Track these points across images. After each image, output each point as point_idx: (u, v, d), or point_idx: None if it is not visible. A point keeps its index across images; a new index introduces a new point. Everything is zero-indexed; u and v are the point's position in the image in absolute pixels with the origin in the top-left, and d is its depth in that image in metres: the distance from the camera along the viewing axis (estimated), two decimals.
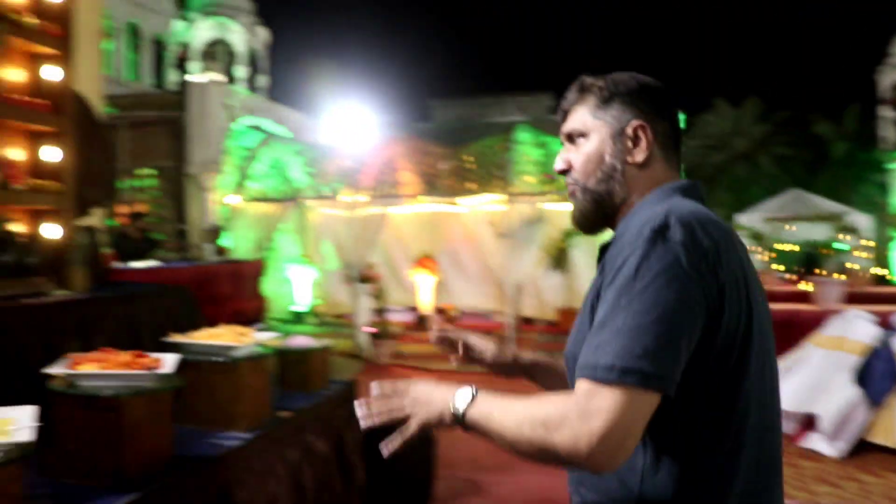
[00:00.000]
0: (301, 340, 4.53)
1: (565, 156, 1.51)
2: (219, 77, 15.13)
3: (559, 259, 10.80)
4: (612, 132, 1.44)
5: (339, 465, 4.27)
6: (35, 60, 4.53)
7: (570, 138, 1.51)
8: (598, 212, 1.48)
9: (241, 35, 16.78)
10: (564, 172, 1.52)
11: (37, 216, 4.51)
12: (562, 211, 10.36)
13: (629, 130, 1.43)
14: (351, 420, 4.39)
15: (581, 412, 1.14)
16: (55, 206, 4.43)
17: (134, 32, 14.58)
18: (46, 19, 4.45)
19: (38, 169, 4.51)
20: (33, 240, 4.31)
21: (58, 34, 4.46)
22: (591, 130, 1.46)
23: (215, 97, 11.62)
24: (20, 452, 2.15)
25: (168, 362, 2.94)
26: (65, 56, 4.51)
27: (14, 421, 2.27)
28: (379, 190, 10.76)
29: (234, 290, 9.01)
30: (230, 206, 11.45)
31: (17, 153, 4.41)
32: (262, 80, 17.42)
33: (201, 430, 3.40)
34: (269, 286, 10.73)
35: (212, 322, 4.06)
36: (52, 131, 4.46)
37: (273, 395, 3.96)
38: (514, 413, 1.23)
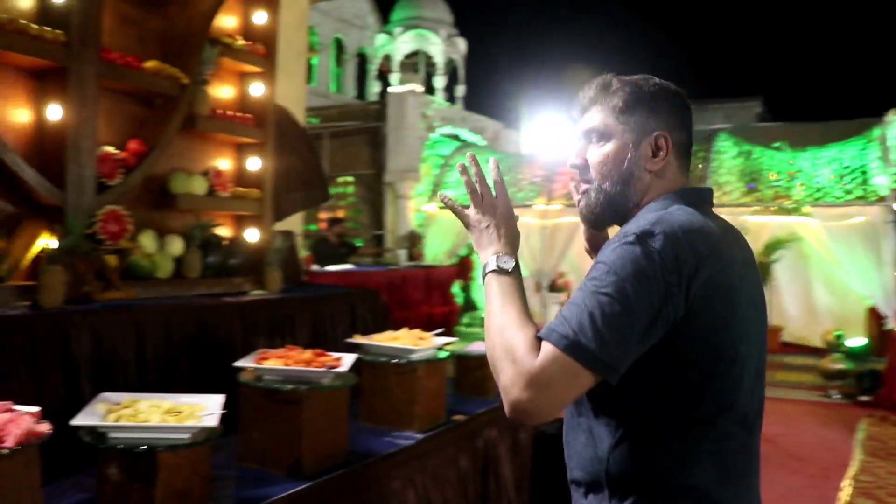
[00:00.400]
0: (480, 346, 4.57)
1: (583, 152, 1.55)
2: (417, 87, 15.72)
3: (762, 274, 10.10)
4: (634, 139, 1.48)
5: (513, 469, 4.25)
6: (242, 78, 4.94)
7: (589, 135, 1.54)
8: (608, 212, 1.53)
9: (440, 46, 17.35)
10: (578, 168, 1.56)
11: (240, 221, 4.91)
12: (766, 223, 9.70)
13: (651, 140, 1.48)
14: (525, 427, 4.36)
15: (533, 363, 1.27)
16: (256, 211, 4.79)
17: (339, 47, 15.53)
18: (253, 40, 4.84)
19: (241, 177, 4.92)
20: (236, 243, 4.68)
21: (262, 53, 4.83)
22: (612, 134, 1.50)
23: (413, 107, 12.07)
24: (206, 436, 2.33)
25: (346, 362, 3.07)
26: (268, 73, 4.88)
27: (205, 407, 2.47)
28: (572, 199, 10.66)
29: (425, 296, 9.30)
30: (426, 213, 11.84)
31: (224, 163, 4.83)
32: (460, 90, 17.89)
33: (378, 429, 3.53)
34: (465, 292, 10.97)
35: (401, 325, 4.20)
36: (256, 143, 4.84)
37: (449, 398, 4.03)
38: (505, 316, 1.37)
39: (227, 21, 4.88)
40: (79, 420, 2.23)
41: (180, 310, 3.58)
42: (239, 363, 2.94)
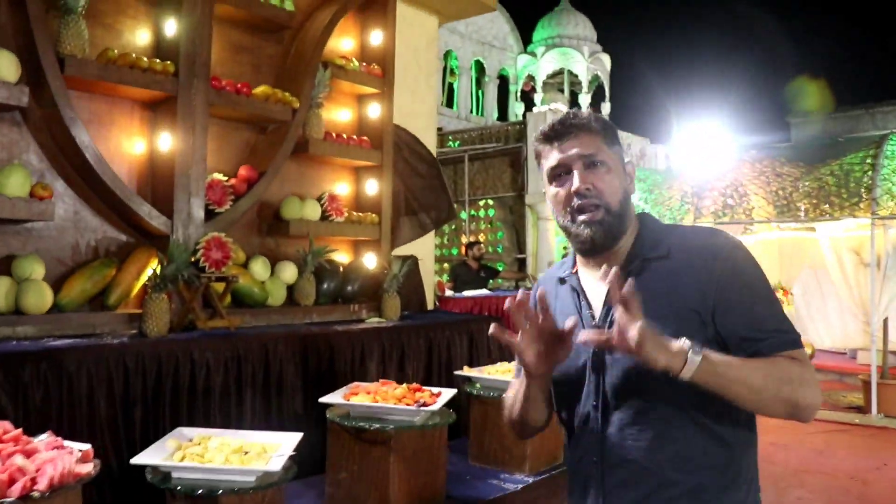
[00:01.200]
0: None
1: (587, 178, 1.58)
2: (560, 106, 15.39)
3: None
4: (621, 165, 1.62)
5: None
6: (360, 100, 4.86)
7: (587, 162, 1.58)
8: (615, 233, 1.59)
9: (584, 63, 16.94)
10: (579, 194, 1.57)
11: (357, 246, 4.79)
12: None
13: (629, 167, 1.65)
14: None
15: (811, 375, 1.44)
16: (373, 236, 4.66)
17: (479, 70, 15.47)
18: (369, 62, 4.75)
19: (359, 201, 4.81)
20: (352, 269, 4.56)
21: (379, 74, 4.72)
22: (609, 161, 1.60)
23: None
24: (274, 479, 2.15)
25: (444, 398, 2.82)
26: (385, 94, 4.76)
27: (278, 447, 2.29)
28: (723, 216, 9.92)
29: None
30: None
31: (341, 187, 4.74)
32: (605, 107, 17.37)
33: (487, 469, 3.24)
34: None
35: None
36: (373, 166, 4.72)
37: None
38: (753, 369, 1.41)
39: (344, 44, 4.83)
40: (142, 458, 2.10)
41: (283, 338, 3.47)
42: (326, 398, 2.75)
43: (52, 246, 3.33)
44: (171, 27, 3.64)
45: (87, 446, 1.94)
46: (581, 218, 1.57)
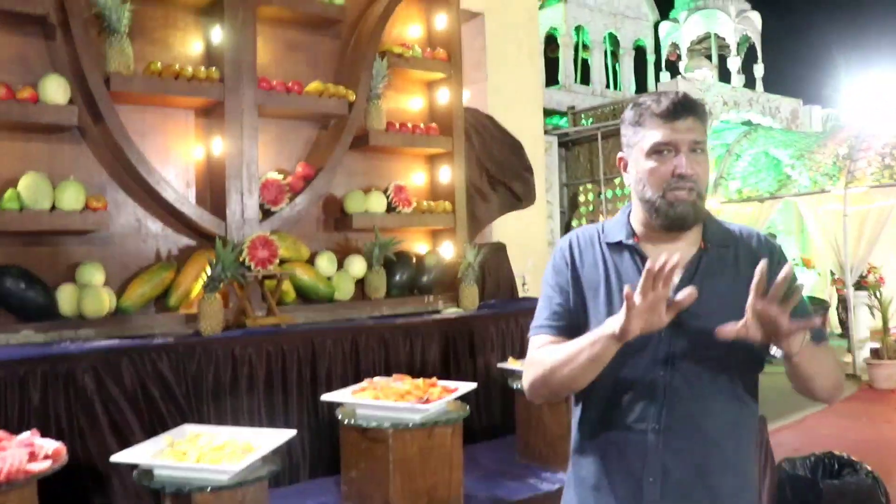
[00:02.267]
0: None
1: (691, 163, 1.64)
2: (707, 73, 14.50)
3: None
4: (707, 156, 1.71)
5: None
6: (429, 87, 4.78)
7: (694, 146, 1.65)
8: (700, 216, 1.68)
9: (731, 25, 15.82)
10: (683, 176, 1.63)
11: (436, 235, 4.73)
12: None
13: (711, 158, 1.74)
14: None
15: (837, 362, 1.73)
16: (446, 225, 4.58)
17: (613, 42, 14.85)
18: (436, 47, 4.66)
19: (434, 190, 4.74)
20: (427, 259, 4.51)
21: (444, 59, 4.62)
22: (706, 149, 1.70)
23: None
24: (251, 476, 2.14)
25: (457, 393, 2.70)
26: (453, 78, 4.65)
27: (258, 446, 2.28)
28: (883, 178, 8.92)
29: None
30: (709, 208, 10.75)
31: (416, 177, 4.70)
32: (758, 69, 16.16)
33: (531, 467, 3.08)
34: None
35: None
36: (443, 153, 4.64)
37: None
38: (825, 354, 1.63)
39: (412, 31, 4.77)
40: (121, 456, 2.17)
41: (331, 333, 3.48)
42: (329, 396, 2.71)
43: (116, 253, 3.54)
44: (217, 35, 3.74)
45: (57, 444, 2.02)
46: (679, 195, 1.64)
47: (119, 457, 2.16)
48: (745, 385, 1.70)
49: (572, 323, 1.76)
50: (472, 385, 2.77)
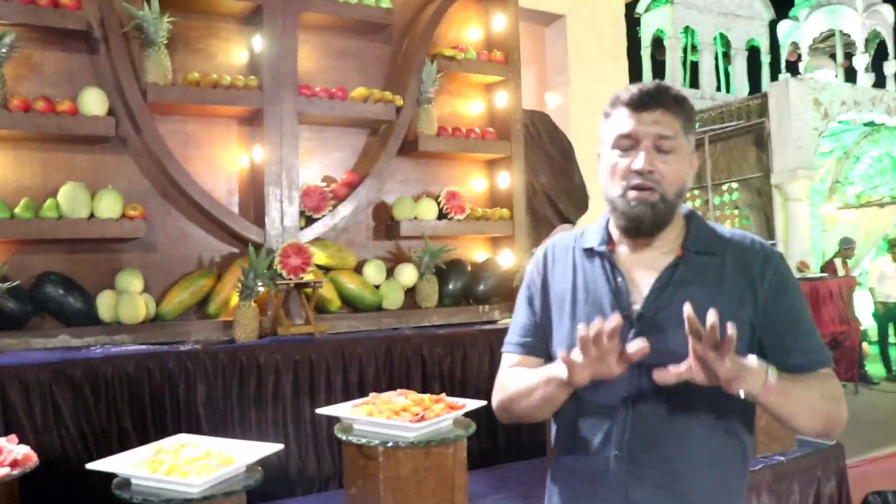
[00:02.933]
0: None
1: (652, 160, 1.49)
2: (829, 72, 13.62)
3: None
4: (689, 155, 1.54)
5: None
6: (487, 90, 4.62)
7: (659, 142, 1.50)
8: (660, 220, 1.52)
9: (859, 20, 14.74)
10: (640, 174, 1.49)
11: (495, 243, 4.56)
12: None
13: (695, 160, 1.58)
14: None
15: (842, 392, 1.47)
16: (504, 232, 4.39)
17: (724, 43, 14.11)
18: (492, 49, 4.50)
19: (493, 196, 4.57)
20: (483, 268, 4.34)
21: (501, 61, 4.46)
22: (680, 147, 1.52)
23: (800, 96, 10.19)
24: (218, 491, 2.06)
25: (463, 410, 2.52)
26: (511, 81, 4.48)
27: (239, 459, 2.19)
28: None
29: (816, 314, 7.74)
30: (823, 214, 9.99)
31: (475, 183, 4.54)
32: (890, 66, 14.96)
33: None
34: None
35: None
36: (500, 158, 4.46)
37: None
38: (810, 388, 1.42)
39: (471, 33, 4.64)
40: (97, 465, 2.13)
41: (362, 343, 3.38)
42: (326, 410, 2.58)
43: (158, 260, 3.58)
44: (258, 43, 3.74)
45: (25, 450, 2.00)
46: (633, 195, 1.50)
47: (96, 465, 2.12)
48: (732, 412, 1.50)
49: (540, 340, 1.64)
50: (480, 403, 2.57)
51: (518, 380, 1.59)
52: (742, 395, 1.34)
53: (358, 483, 2.42)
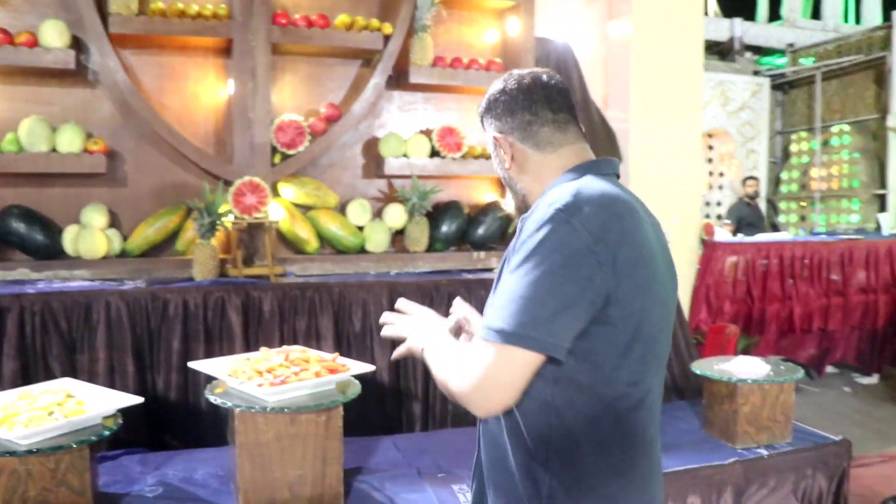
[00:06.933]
0: (746, 365, 3.05)
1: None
2: None
3: None
4: (492, 149, 1.55)
5: None
6: (500, 16, 4.25)
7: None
8: (519, 210, 1.53)
9: None
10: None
11: (499, 185, 4.25)
12: None
13: (495, 146, 1.53)
14: None
15: (469, 364, 1.28)
16: None
17: None
18: None
19: None
20: (483, 211, 4.06)
21: None
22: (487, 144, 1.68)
23: None
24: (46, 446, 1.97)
25: (346, 373, 2.31)
26: (522, 6, 4.09)
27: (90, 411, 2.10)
28: None
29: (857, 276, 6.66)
30: None
31: (469, 121, 4.22)
32: None
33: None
34: None
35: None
36: None
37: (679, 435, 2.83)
38: (442, 355, 1.40)
39: None
40: None
41: (318, 287, 3.22)
42: (198, 365, 2.41)
43: (128, 196, 3.54)
44: None
45: None
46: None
47: None
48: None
49: None
50: (367, 367, 2.35)
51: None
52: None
53: (231, 443, 2.28)
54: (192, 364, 2.39)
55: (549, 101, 1.48)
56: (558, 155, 1.47)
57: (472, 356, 1.29)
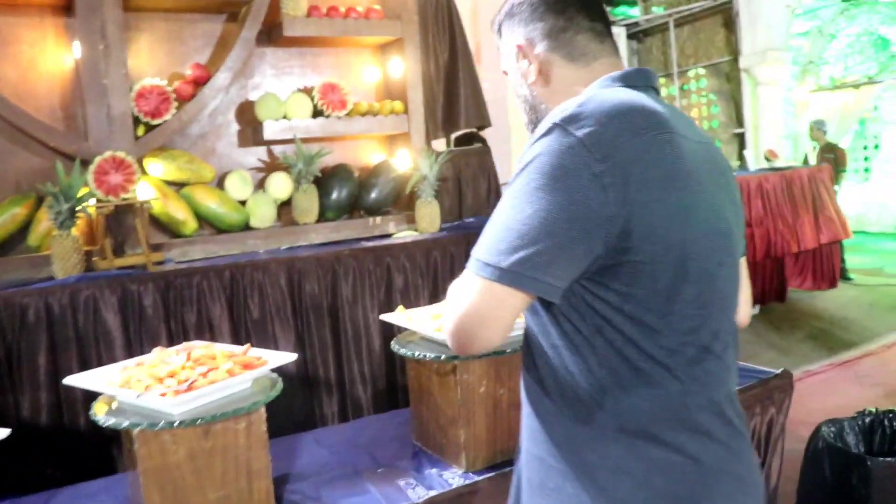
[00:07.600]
0: None
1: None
2: None
3: None
4: (512, 63, 1.39)
5: None
6: None
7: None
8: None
9: None
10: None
11: (392, 143, 3.95)
12: None
13: (518, 57, 1.36)
14: None
15: (452, 297, 1.17)
16: (399, 129, 3.78)
17: None
18: None
19: (388, 88, 3.94)
20: (375, 173, 3.75)
21: None
22: (508, 67, 1.42)
23: None
24: None
25: (262, 370, 1.95)
26: None
27: None
28: None
29: (791, 216, 7.02)
30: (795, 99, 9.32)
31: (354, 76, 3.90)
32: None
33: (430, 457, 2.30)
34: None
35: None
36: (390, 41, 3.81)
37: None
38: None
39: None
40: None
41: (204, 272, 2.84)
42: (74, 381, 1.98)
43: None
44: None
45: None
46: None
47: None
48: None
49: None
50: (289, 356, 2.02)
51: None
52: None
53: (131, 469, 1.90)
54: (67, 380, 1.96)
55: (586, 5, 1.31)
56: (591, 69, 1.29)
57: (456, 284, 1.18)
